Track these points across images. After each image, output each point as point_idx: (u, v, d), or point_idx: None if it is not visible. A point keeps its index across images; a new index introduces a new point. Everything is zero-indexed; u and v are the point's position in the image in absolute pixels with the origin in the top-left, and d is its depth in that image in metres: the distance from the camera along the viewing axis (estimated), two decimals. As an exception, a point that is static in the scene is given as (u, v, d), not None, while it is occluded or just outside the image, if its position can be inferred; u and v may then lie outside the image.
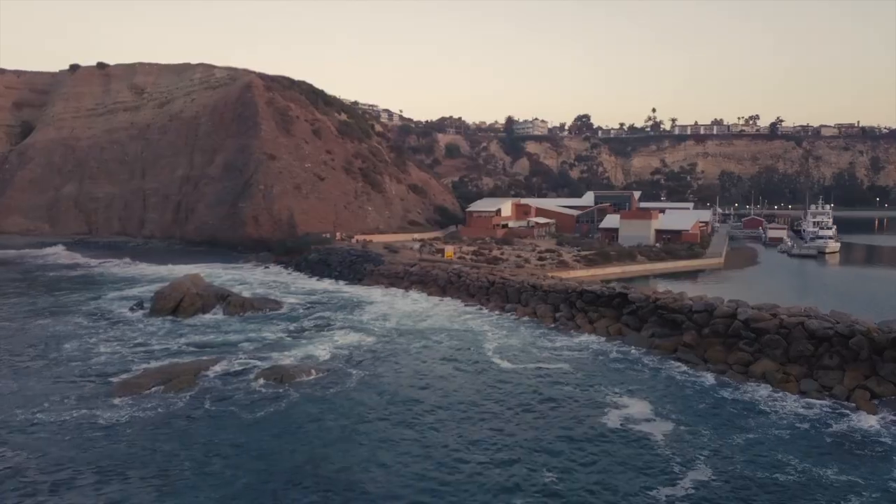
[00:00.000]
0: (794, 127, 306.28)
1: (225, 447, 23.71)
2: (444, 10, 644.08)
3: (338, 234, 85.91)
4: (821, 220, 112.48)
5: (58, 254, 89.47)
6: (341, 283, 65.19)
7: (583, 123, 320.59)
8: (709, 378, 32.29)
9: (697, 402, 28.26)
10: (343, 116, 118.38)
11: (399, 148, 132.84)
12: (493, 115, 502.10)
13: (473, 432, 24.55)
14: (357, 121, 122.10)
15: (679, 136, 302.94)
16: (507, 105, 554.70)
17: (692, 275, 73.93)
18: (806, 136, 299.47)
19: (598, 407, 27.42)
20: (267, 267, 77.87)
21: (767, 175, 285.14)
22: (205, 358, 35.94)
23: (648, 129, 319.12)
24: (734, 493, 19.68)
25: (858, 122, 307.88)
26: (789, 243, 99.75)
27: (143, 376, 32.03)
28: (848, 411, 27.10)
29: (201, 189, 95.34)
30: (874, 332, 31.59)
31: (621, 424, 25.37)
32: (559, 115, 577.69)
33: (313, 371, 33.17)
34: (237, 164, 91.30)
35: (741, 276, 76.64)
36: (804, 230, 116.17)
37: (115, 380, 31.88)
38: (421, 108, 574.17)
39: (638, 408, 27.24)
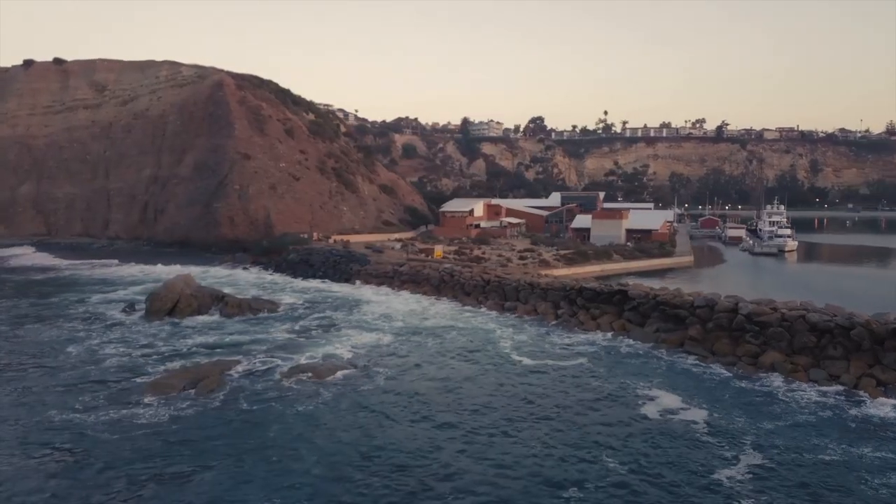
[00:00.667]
0: (739, 130, 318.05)
1: (285, 440, 23.96)
2: (395, 11, 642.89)
3: (315, 234, 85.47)
4: (776, 219, 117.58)
5: (26, 255, 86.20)
6: (330, 282, 64.96)
7: (537, 125, 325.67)
8: (721, 370, 33.84)
9: (721, 393, 29.69)
10: (311, 116, 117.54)
11: (367, 148, 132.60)
12: (448, 116, 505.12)
13: (523, 428, 25.14)
14: (325, 120, 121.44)
15: (630, 139, 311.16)
16: (462, 106, 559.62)
17: (666, 273, 76.44)
18: (750, 140, 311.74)
19: (633, 399, 28.55)
20: (246, 268, 76.82)
21: (715, 176, 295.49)
22: (224, 359, 35.64)
23: (600, 131, 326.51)
24: (790, 473, 21.00)
25: (798, 126, 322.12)
26: (751, 242, 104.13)
27: (170, 377, 31.59)
28: (862, 398, 28.91)
29: (171, 189, 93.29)
30: (873, 323, 33.66)
31: (661, 415, 26.52)
32: (514, 116, 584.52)
33: (339, 370, 33.32)
34: (209, 163, 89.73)
35: (713, 273, 79.76)
36: (760, 230, 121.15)
37: (139, 381, 31.40)
38: (376, 108, 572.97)
39: (669, 399, 28.46)
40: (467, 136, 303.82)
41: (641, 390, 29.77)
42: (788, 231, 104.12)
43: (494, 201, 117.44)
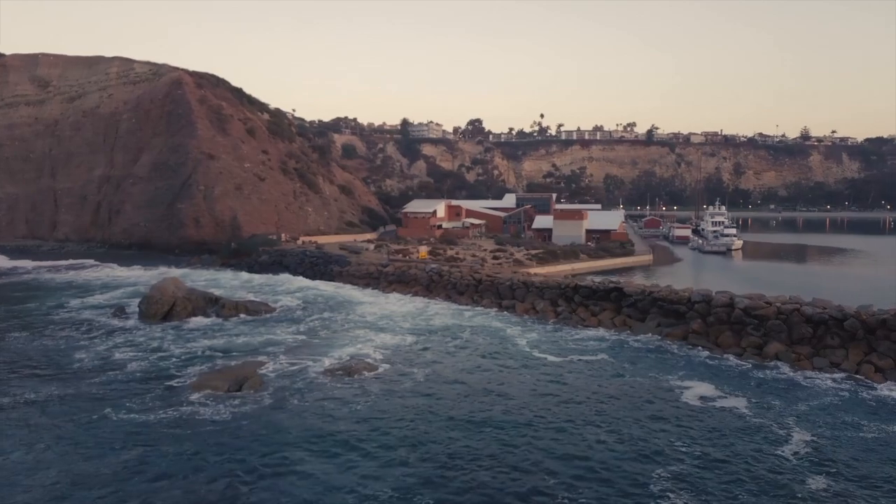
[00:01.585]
0: (668, 134, 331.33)
1: (353, 432, 24.59)
2: (327, 9, 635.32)
3: (283, 235, 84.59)
4: (719, 219, 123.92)
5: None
6: (315, 283, 64.45)
7: (475, 128, 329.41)
8: (733, 360, 36.20)
9: (745, 381, 31.89)
10: (265, 116, 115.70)
11: (322, 148, 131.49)
12: (387, 117, 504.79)
13: (583, 423, 26.09)
14: (278, 120, 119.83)
15: (566, 142, 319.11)
16: (401, 108, 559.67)
17: (629, 270, 79.66)
18: (678, 143, 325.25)
19: (669, 390, 30.28)
20: (216, 270, 75.27)
21: (647, 178, 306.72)
22: (251, 360, 35.47)
23: (535, 133, 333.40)
24: (841, 447, 23.18)
25: (721, 130, 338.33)
26: (700, 241, 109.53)
27: (210, 378, 31.26)
28: (869, 383, 31.68)
29: (127, 189, 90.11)
30: (864, 315, 36.84)
31: (702, 402, 28.40)
32: (452, 118, 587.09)
33: (371, 368, 33.74)
34: (170, 163, 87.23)
35: (672, 270, 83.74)
36: (703, 229, 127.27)
37: (174, 383, 31.02)
38: (312, 107, 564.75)
39: (702, 388, 30.39)
40: (407, 138, 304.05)
41: (673, 381, 31.58)
42: (734, 230, 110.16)
43: (454, 203, 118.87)
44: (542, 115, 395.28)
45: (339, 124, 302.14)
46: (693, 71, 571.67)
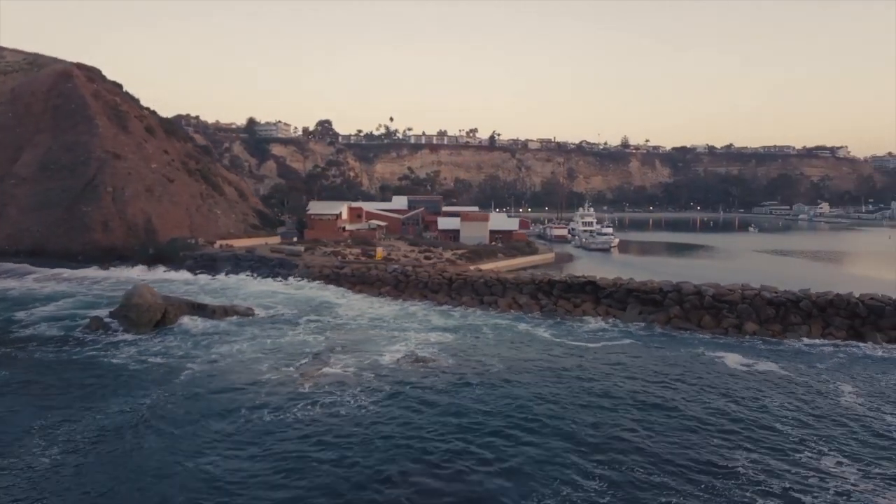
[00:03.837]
0: (508, 140, 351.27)
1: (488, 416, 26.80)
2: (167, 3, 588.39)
3: (199, 239, 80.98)
4: (588, 220, 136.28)
5: None
6: (270, 285, 63.02)
7: (325, 129, 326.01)
8: (724, 338, 42.79)
9: (756, 353, 38.11)
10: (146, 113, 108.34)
11: (206, 148, 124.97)
12: (232, 115, 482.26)
13: (658, 411, 27.59)
14: (161, 120, 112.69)
15: (416, 145, 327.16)
16: (246, 106, 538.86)
17: (544, 266, 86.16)
18: (518, 149, 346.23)
19: (705, 364, 35.57)
20: (139, 278, 70.50)
21: (492, 182, 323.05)
22: (306, 361, 35.67)
23: (384, 136, 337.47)
24: (878, 390, 29.88)
25: (554, 137, 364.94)
26: (584, 240, 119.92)
27: (301, 378, 31.61)
28: (851, 345, 39.86)
29: (8, 191, 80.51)
30: (814, 296, 45.39)
31: (746, 370, 34.06)
32: (301, 119, 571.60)
33: (432, 360, 35.65)
34: (64, 162, 79.40)
35: (574, 265, 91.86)
36: (574, 229, 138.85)
37: (254, 387, 30.72)
38: (153, 103, 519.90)
39: (730, 360, 36.03)
40: (255, 137, 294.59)
41: (701, 359, 36.92)
42: (611, 230, 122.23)
43: (354, 205, 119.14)
44: (391, 119, 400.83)
45: (180, 122, 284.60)
46: (528, 80, 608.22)
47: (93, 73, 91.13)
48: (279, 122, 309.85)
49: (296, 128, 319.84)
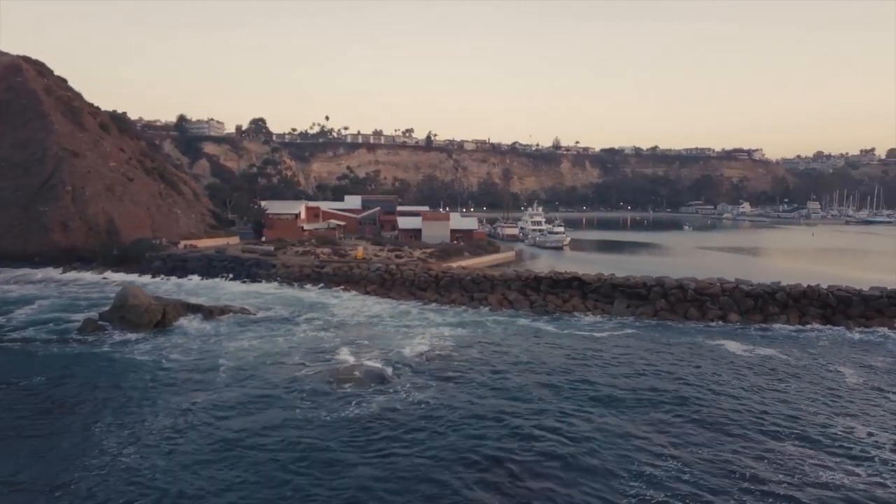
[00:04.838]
0: (444, 141, 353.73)
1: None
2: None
3: (163, 239, 78.93)
4: (537, 219, 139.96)
5: None
6: (252, 285, 62.38)
7: (258, 127, 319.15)
8: (725, 326, 45.92)
9: (752, 341, 40.97)
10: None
11: (154, 145, 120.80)
12: (158, 113, 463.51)
13: (690, 406, 28.47)
14: (112, 116, 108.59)
15: (353, 144, 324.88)
16: (176, 104, 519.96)
17: (508, 264, 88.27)
18: (454, 149, 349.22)
19: (709, 352, 38.22)
20: (105, 278, 68.14)
21: (430, 182, 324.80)
22: (331, 358, 36.07)
23: (318, 136, 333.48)
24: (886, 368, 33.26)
25: (489, 138, 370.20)
26: (539, 238, 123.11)
27: (334, 376, 32.10)
28: (830, 329, 43.50)
29: (-47, 190, 76.25)
30: (788, 288, 49.14)
31: (749, 355, 36.85)
32: (234, 117, 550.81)
33: (447, 358, 36.56)
34: (16, 160, 75.41)
35: (534, 263, 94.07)
36: (523, 228, 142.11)
37: (291, 385, 30.98)
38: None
39: (732, 347, 38.88)
40: (185, 135, 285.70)
41: (705, 346, 39.62)
42: (562, 229, 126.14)
43: (311, 204, 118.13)
44: (327, 118, 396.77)
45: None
46: (461, 80, 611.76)
47: (42, 68, 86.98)
48: (211, 119, 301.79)
49: (228, 126, 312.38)
